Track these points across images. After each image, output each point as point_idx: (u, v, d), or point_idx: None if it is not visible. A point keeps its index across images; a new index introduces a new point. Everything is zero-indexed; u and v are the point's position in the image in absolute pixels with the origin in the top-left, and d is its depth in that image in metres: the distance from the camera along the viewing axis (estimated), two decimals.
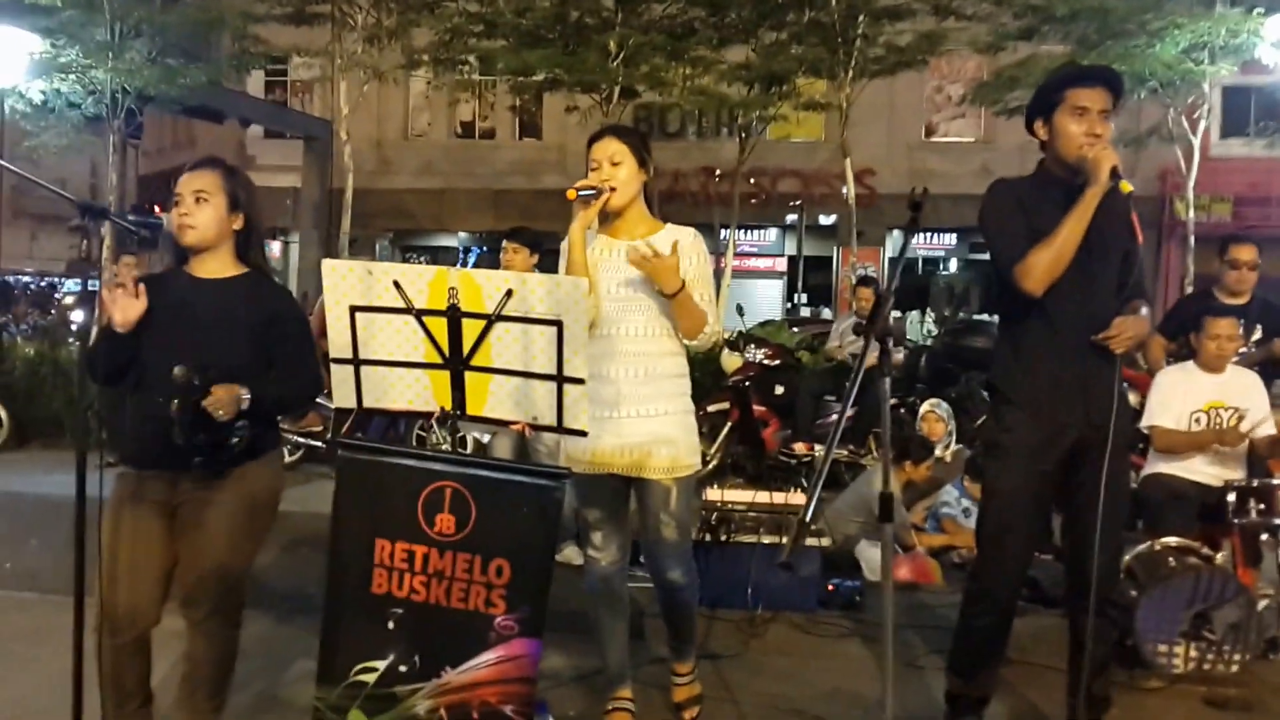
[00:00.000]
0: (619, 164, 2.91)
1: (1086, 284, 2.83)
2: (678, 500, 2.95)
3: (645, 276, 2.85)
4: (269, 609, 3.92)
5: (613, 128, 3.07)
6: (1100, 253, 2.83)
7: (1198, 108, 10.61)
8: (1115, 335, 2.79)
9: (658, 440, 2.90)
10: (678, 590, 3.05)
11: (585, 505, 3.00)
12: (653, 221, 3.01)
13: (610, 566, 3.03)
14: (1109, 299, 2.87)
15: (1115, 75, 3.00)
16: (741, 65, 11.19)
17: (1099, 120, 2.83)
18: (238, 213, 2.66)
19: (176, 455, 2.50)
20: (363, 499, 2.45)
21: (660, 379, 2.93)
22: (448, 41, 11.27)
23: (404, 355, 2.46)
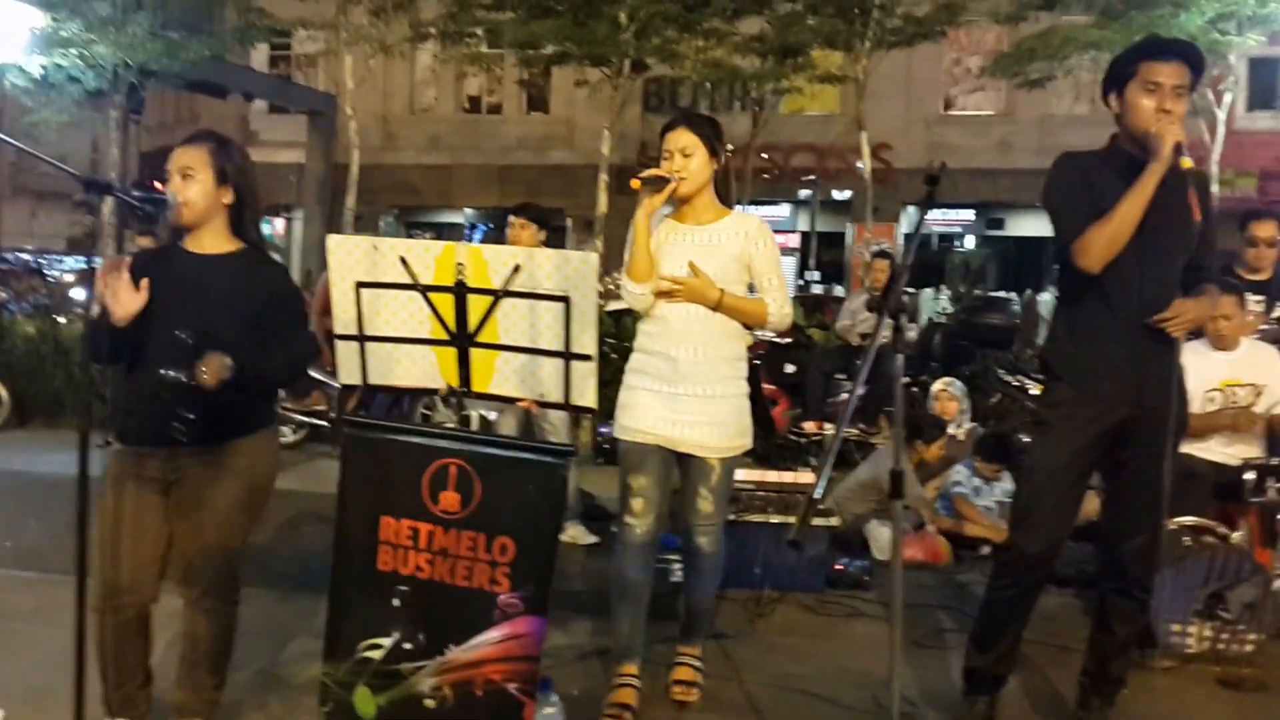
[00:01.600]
0: (690, 155, 2.97)
1: (1148, 264, 2.76)
2: (720, 478, 3.01)
3: (709, 261, 2.93)
4: (271, 587, 3.92)
5: (686, 117, 3.10)
6: (1165, 232, 2.76)
7: (1223, 79, 10.42)
8: (1173, 318, 2.72)
9: (711, 421, 2.96)
10: (703, 558, 3.08)
11: (631, 472, 3.01)
12: (719, 208, 3.06)
13: (644, 535, 3.02)
14: (1172, 280, 2.81)
15: (1194, 50, 2.88)
16: (756, 37, 11.05)
17: (1171, 95, 2.74)
18: (226, 186, 2.62)
19: (180, 435, 2.49)
20: (368, 476, 2.43)
21: (718, 361, 2.98)
22: (455, 14, 11.12)
23: (410, 332, 2.44)
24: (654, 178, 2.91)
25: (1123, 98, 2.82)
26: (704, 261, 2.95)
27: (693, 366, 2.94)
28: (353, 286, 2.40)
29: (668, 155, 2.99)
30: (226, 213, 2.64)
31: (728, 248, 2.98)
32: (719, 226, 3.01)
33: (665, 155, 2.99)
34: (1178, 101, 2.75)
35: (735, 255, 2.98)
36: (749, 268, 3.00)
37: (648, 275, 2.92)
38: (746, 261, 2.99)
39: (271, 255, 2.82)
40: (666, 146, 3.00)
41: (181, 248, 2.65)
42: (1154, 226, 2.74)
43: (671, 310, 2.96)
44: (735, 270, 2.98)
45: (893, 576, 2.30)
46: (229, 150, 2.67)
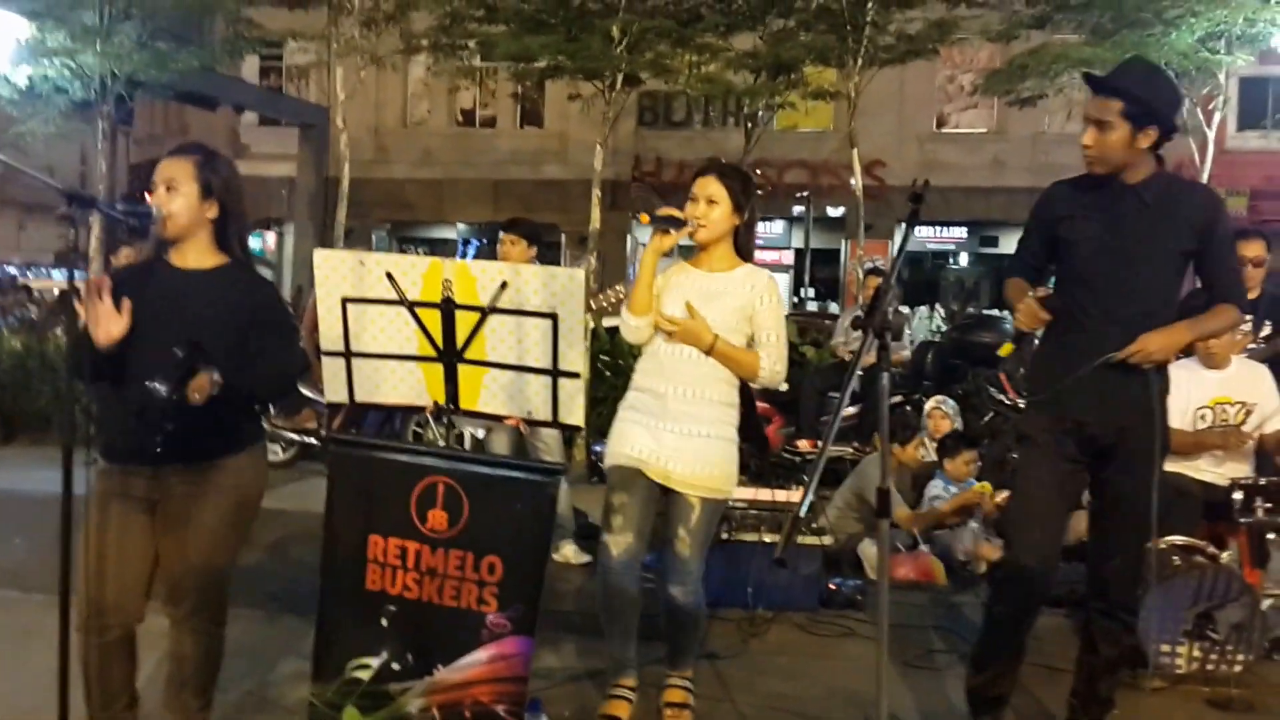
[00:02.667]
0: (715, 204, 3.00)
1: (1122, 288, 2.80)
2: (699, 520, 2.97)
3: (711, 306, 2.96)
4: (259, 607, 3.89)
5: (719, 166, 3.12)
6: (1141, 257, 2.80)
7: (1214, 98, 10.49)
8: (1135, 353, 2.75)
9: (694, 459, 2.95)
10: (676, 606, 3.05)
11: (613, 491, 3.02)
12: (734, 260, 3.08)
13: (622, 555, 2.99)
14: (1152, 301, 2.83)
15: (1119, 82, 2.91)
16: (749, 53, 11.07)
17: (1091, 130, 2.83)
18: (211, 200, 2.59)
19: (159, 450, 2.47)
20: (356, 495, 2.42)
21: (706, 403, 2.98)
22: (447, 26, 11.13)
23: (397, 348, 2.43)
24: (669, 217, 2.94)
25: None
26: (706, 306, 2.97)
27: (680, 405, 2.95)
28: (339, 302, 2.39)
29: (693, 199, 3.01)
30: (211, 226, 2.61)
31: (733, 297, 2.99)
32: (729, 276, 3.03)
33: (691, 199, 3.02)
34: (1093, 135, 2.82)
35: (739, 306, 2.99)
36: (751, 319, 3.00)
37: (646, 310, 2.95)
38: (749, 314, 2.99)
39: (257, 269, 2.79)
40: (694, 191, 3.03)
41: (165, 262, 2.63)
42: (1124, 250, 2.78)
43: (665, 349, 2.99)
44: (735, 320, 2.98)
45: (879, 595, 2.29)
46: (215, 163, 2.64)
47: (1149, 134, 2.81)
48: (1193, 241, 2.85)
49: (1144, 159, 2.84)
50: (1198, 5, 9.18)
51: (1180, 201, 2.86)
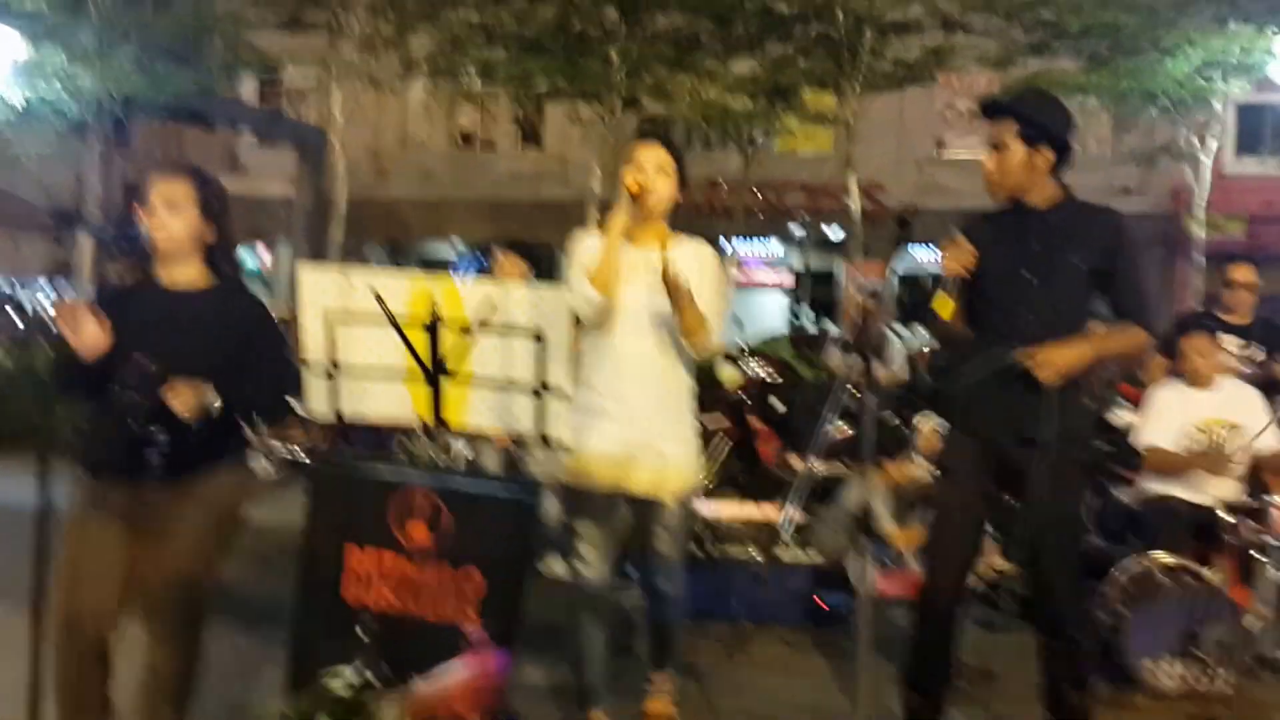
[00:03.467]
0: (665, 174, 2.89)
1: (1023, 308, 2.84)
2: (675, 517, 2.96)
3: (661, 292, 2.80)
4: (238, 620, 3.86)
5: (664, 136, 3.03)
6: (1043, 274, 2.85)
7: (1209, 126, 10.56)
8: (1035, 360, 2.77)
9: (661, 461, 2.88)
10: (664, 600, 3.06)
11: (577, 518, 2.95)
12: (670, 235, 3.00)
13: (597, 582, 2.98)
14: (1062, 324, 2.87)
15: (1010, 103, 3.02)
16: (747, 78, 11.16)
17: (991, 154, 2.92)
18: (210, 221, 2.60)
19: (140, 462, 2.45)
20: (334, 505, 2.43)
21: (668, 398, 2.91)
22: (446, 50, 11.22)
23: (382, 365, 2.44)
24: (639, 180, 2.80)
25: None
26: (657, 289, 2.81)
27: (641, 405, 2.86)
28: (323, 317, 2.40)
29: (638, 168, 2.85)
30: (205, 247, 2.62)
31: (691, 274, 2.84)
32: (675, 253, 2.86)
33: (636, 166, 2.85)
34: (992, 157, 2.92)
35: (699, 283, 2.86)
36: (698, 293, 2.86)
37: (609, 288, 2.78)
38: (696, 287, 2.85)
39: (248, 288, 2.79)
40: (639, 158, 2.86)
41: (155, 282, 2.62)
42: (1032, 273, 2.83)
43: (618, 345, 2.87)
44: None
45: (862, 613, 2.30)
46: (212, 184, 2.65)
47: (1044, 154, 2.89)
48: (1099, 261, 2.90)
49: (1045, 182, 2.92)
50: (1194, 34, 9.27)
51: (1086, 224, 2.92)
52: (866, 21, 10.58)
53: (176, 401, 2.40)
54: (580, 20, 10.46)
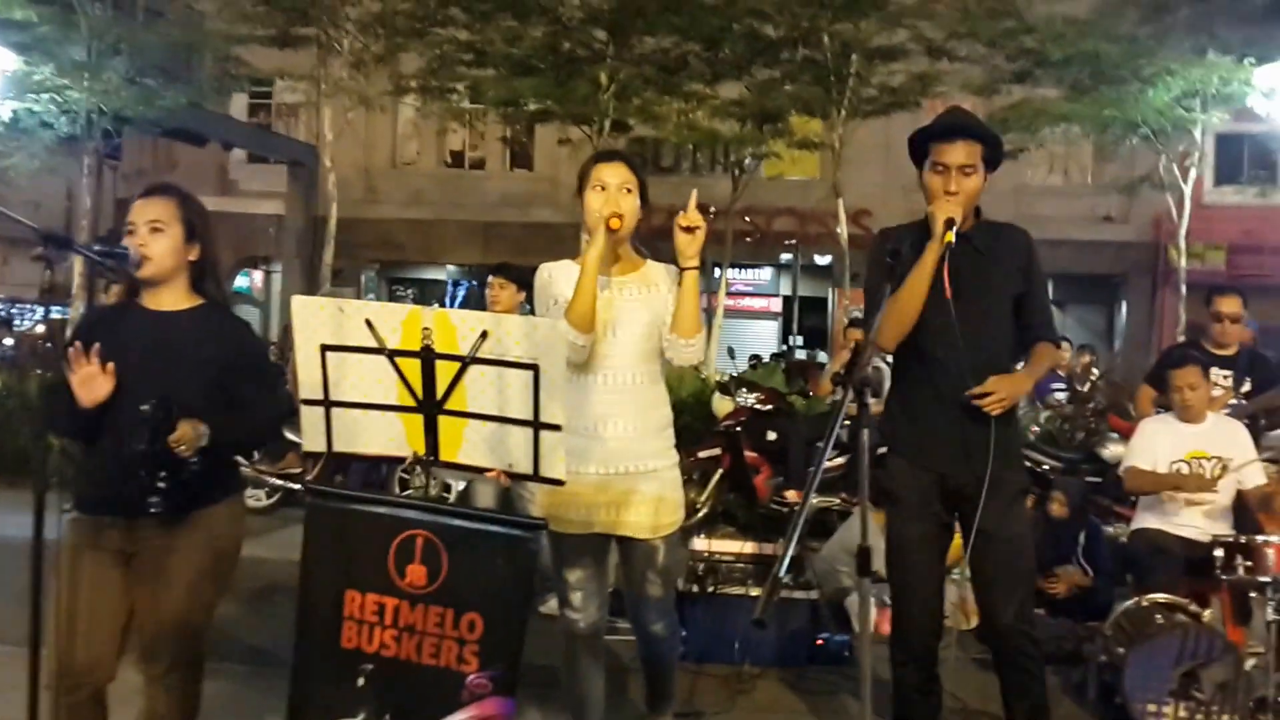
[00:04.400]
0: (630, 192, 2.79)
1: (968, 336, 2.81)
2: (664, 557, 2.88)
3: (637, 316, 2.78)
4: (238, 661, 3.79)
5: (624, 155, 2.94)
6: (975, 301, 2.83)
7: (1190, 155, 10.69)
8: (987, 395, 2.77)
9: (645, 500, 2.81)
10: (659, 642, 3.00)
11: (565, 565, 2.87)
12: (635, 258, 2.91)
13: (589, 628, 2.92)
14: (996, 347, 2.89)
15: (978, 124, 2.98)
16: (734, 101, 11.21)
17: (958, 175, 2.84)
18: (194, 242, 2.57)
19: (135, 500, 2.41)
20: (332, 548, 2.36)
21: (649, 434, 2.84)
22: (435, 69, 11.22)
23: (376, 397, 2.39)
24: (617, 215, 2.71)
25: (921, 178, 2.95)
26: (640, 312, 2.79)
27: (623, 444, 2.78)
28: (318, 349, 2.35)
29: (601, 187, 2.76)
30: (190, 268, 2.59)
31: (654, 300, 2.82)
32: (640, 276, 2.85)
33: (600, 186, 2.76)
34: (964, 180, 2.85)
35: (661, 308, 2.82)
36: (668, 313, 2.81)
37: (590, 325, 2.69)
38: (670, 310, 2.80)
39: (233, 310, 2.75)
40: (602, 178, 2.76)
41: (139, 305, 2.59)
42: (966, 298, 2.80)
43: (597, 380, 2.77)
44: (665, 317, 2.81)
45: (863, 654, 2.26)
46: (194, 204, 2.62)
47: (986, 178, 2.90)
48: (1020, 284, 2.92)
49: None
50: (1173, 65, 9.39)
51: (1004, 245, 2.92)
52: (853, 47, 10.65)
53: (179, 442, 2.37)
54: (569, 42, 10.49)
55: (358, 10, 11.42)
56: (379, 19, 11.39)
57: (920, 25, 10.86)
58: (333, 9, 11.21)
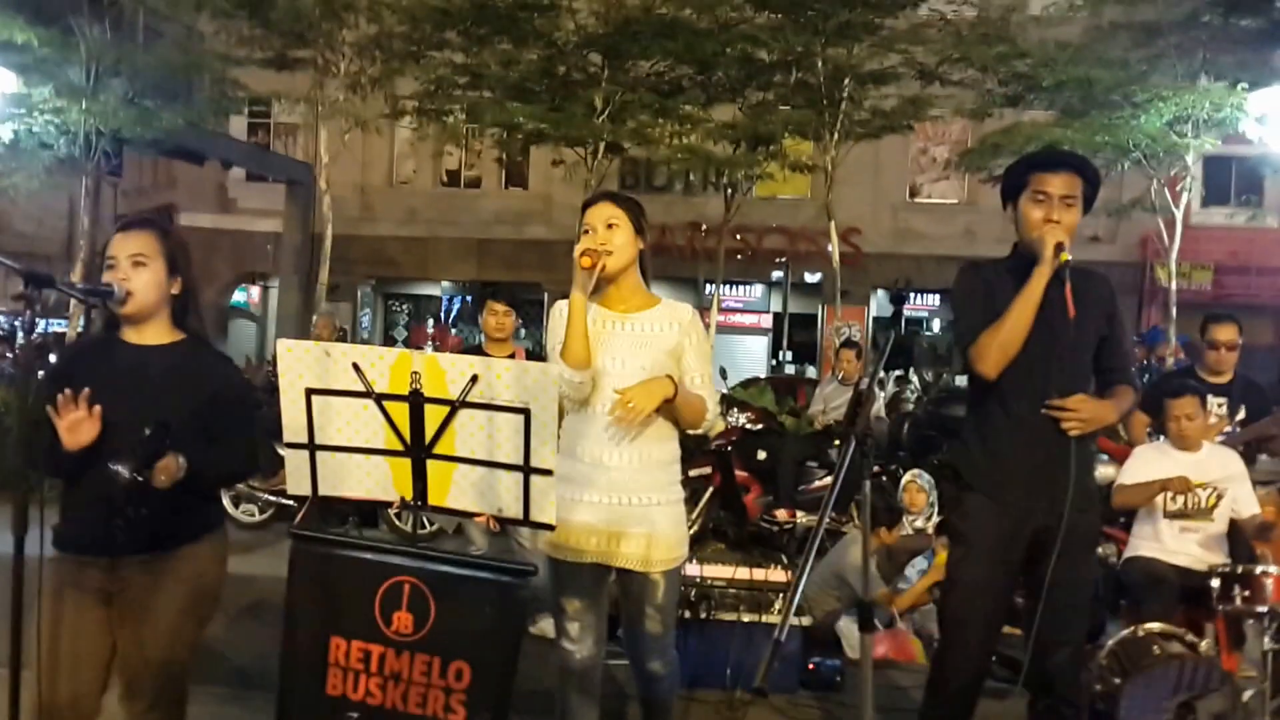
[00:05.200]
0: (615, 227, 2.78)
1: (1049, 368, 2.76)
2: (665, 593, 2.84)
3: (642, 353, 2.77)
4: (222, 683, 3.75)
5: (608, 193, 2.95)
6: (1065, 336, 2.77)
7: (1180, 180, 10.72)
8: (1068, 411, 2.71)
9: (649, 532, 2.78)
10: (656, 681, 2.96)
11: (564, 594, 2.85)
12: (647, 295, 2.89)
13: (586, 660, 2.89)
14: (1079, 383, 2.82)
15: (1084, 162, 2.96)
16: (728, 124, 11.25)
17: (1060, 205, 2.80)
18: (176, 276, 2.55)
19: (116, 539, 2.39)
20: (317, 593, 2.34)
21: (654, 467, 2.81)
22: (432, 92, 11.26)
23: (363, 441, 2.36)
24: (595, 250, 2.70)
25: (1015, 207, 2.88)
26: (637, 355, 2.77)
27: (624, 475, 2.76)
28: (303, 393, 2.33)
29: (589, 230, 2.78)
30: (172, 302, 2.57)
31: (661, 340, 2.80)
32: (650, 316, 2.82)
33: (586, 230, 2.79)
34: (1067, 211, 2.80)
35: (669, 349, 2.79)
36: (679, 360, 2.81)
37: (587, 361, 2.71)
38: (679, 355, 2.80)
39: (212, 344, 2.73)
40: (588, 221, 2.80)
41: (120, 339, 2.56)
42: (1054, 330, 2.74)
43: (603, 411, 2.75)
44: (668, 364, 2.77)
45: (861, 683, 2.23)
46: (175, 237, 2.60)
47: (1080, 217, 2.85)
48: (1104, 328, 2.88)
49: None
50: (1164, 90, 9.43)
51: (1090, 288, 2.87)
52: (846, 71, 10.70)
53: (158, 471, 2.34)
54: (565, 65, 10.53)
55: (354, 34, 11.45)
56: (375, 42, 11.43)
57: (913, 50, 10.90)
58: (330, 32, 11.24)
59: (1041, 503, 2.78)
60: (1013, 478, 2.81)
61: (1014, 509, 2.81)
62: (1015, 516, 2.81)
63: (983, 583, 2.83)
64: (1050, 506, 2.75)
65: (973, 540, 2.85)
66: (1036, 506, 2.79)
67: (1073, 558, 2.74)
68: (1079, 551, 2.77)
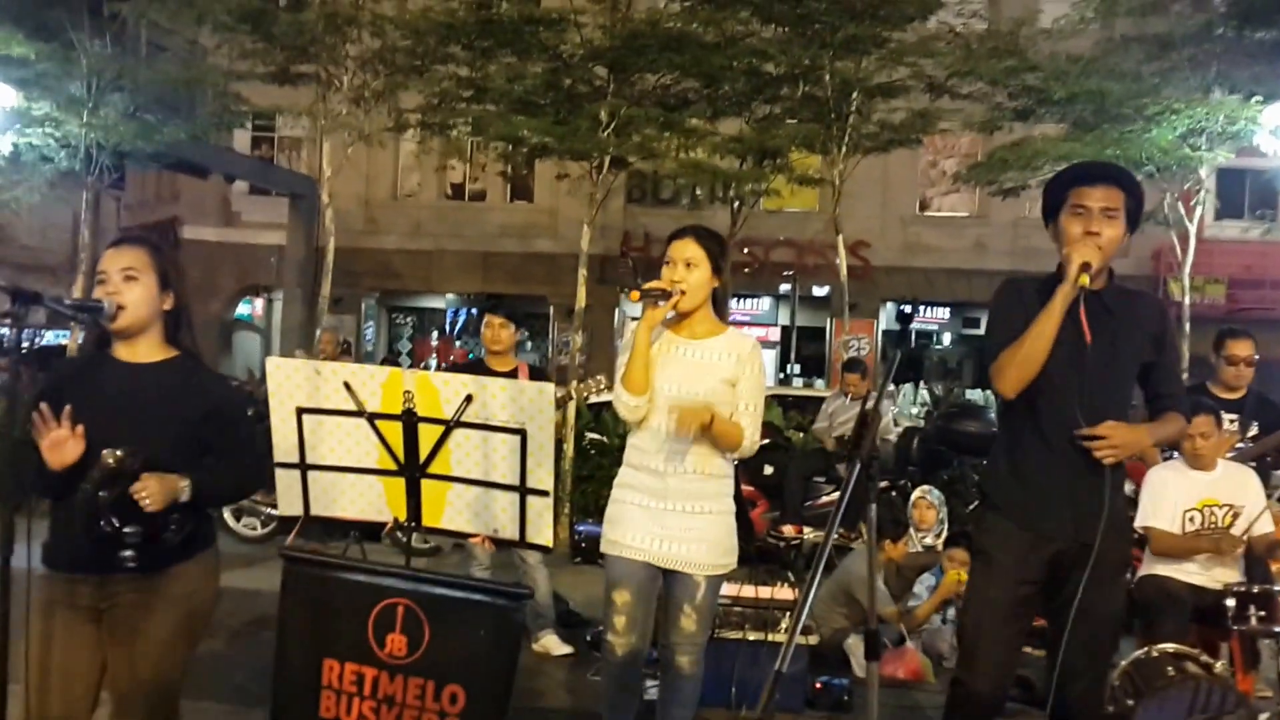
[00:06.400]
0: (693, 267, 2.96)
1: (1085, 391, 2.67)
2: (704, 596, 2.98)
3: (699, 380, 2.95)
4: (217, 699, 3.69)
5: (694, 229, 3.09)
6: (1103, 359, 2.68)
7: (1194, 193, 10.62)
8: (1099, 438, 2.63)
9: (699, 538, 2.94)
10: (683, 679, 3.02)
11: (614, 588, 2.97)
12: (715, 323, 3.06)
13: (627, 655, 2.97)
14: (1115, 412, 2.72)
15: (1124, 173, 2.86)
16: (734, 138, 11.20)
17: (1100, 218, 2.71)
18: (168, 292, 2.52)
19: (106, 557, 2.36)
20: (310, 615, 2.29)
21: (708, 478, 2.97)
22: (436, 105, 11.24)
23: (355, 461, 2.32)
24: (657, 290, 2.91)
25: (1056, 224, 2.81)
26: (697, 380, 2.95)
27: (682, 483, 2.93)
28: (293, 412, 2.28)
29: (670, 263, 2.97)
30: (164, 319, 2.53)
31: (720, 368, 2.97)
32: (714, 344, 3.01)
33: (668, 262, 2.98)
34: (1109, 223, 2.71)
35: (726, 378, 2.98)
36: (734, 387, 2.99)
37: (645, 388, 2.91)
38: (734, 382, 2.98)
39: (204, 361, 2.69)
40: (671, 255, 2.99)
41: (111, 356, 2.53)
42: (1090, 359, 2.65)
43: (665, 426, 2.92)
44: (724, 392, 2.96)
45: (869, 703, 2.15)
46: (167, 253, 2.57)
47: (1127, 235, 2.76)
48: (1151, 353, 2.79)
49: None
50: (1177, 103, 9.33)
51: (1137, 310, 2.80)
52: (854, 84, 10.64)
53: (146, 495, 2.30)
54: (570, 79, 10.48)
55: (358, 47, 11.44)
56: (379, 56, 11.41)
57: (921, 63, 10.82)
58: (333, 46, 11.22)
59: (1067, 527, 2.72)
60: (1038, 500, 2.75)
61: (1037, 533, 2.75)
62: (1037, 540, 2.75)
63: (1003, 602, 2.78)
64: (1075, 532, 2.69)
65: (994, 559, 2.81)
66: (1061, 531, 2.73)
67: (1102, 587, 2.67)
68: (1108, 580, 2.71)
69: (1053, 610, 2.79)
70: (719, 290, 3.06)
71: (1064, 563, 2.72)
